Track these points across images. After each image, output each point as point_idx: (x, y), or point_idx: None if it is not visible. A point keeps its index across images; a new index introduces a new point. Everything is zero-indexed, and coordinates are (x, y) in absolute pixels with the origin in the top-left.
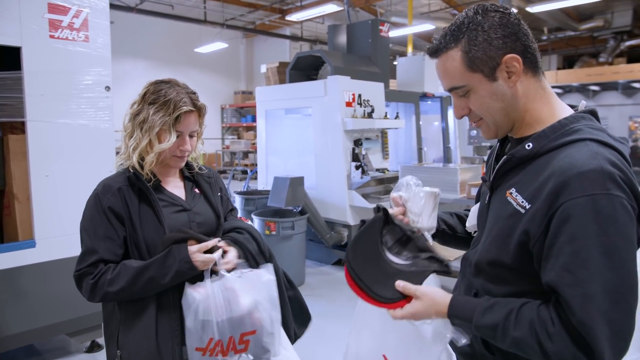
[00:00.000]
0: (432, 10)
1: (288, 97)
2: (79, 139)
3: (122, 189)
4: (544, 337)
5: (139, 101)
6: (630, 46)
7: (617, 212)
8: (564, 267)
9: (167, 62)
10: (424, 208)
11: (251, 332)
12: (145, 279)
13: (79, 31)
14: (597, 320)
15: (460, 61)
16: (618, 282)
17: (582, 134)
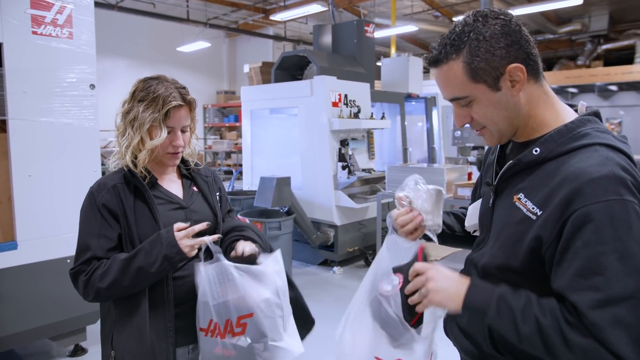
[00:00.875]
0: (415, 12)
1: (274, 97)
2: (63, 138)
3: (117, 186)
4: (566, 327)
5: (129, 99)
6: (607, 50)
7: (631, 218)
8: (576, 273)
9: (149, 61)
10: (435, 206)
11: (248, 315)
12: (134, 270)
13: (62, 27)
14: (612, 325)
15: (462, 72)
16: (635, 287)
17: (591, 138)
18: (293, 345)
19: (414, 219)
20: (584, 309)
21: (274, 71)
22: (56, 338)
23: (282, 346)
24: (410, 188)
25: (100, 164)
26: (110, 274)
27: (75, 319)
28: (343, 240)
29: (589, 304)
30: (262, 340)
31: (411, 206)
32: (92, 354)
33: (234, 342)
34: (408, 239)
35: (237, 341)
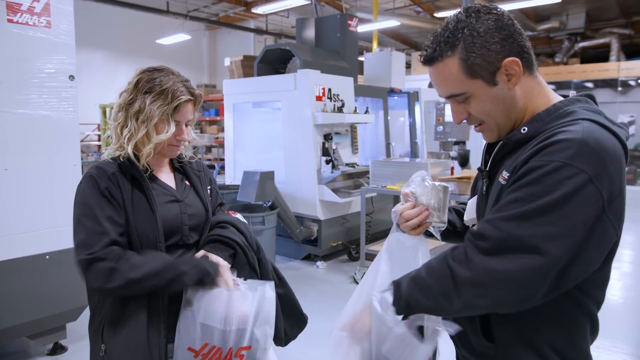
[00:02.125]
0: (396, 7)
1: (256, 91)
2: (41, 131)
3: (116, 174)
4: (449, 259)
5: (131, 90)
6: (583, 47)
7: (569, 182)
8: (496, 209)
9: (127, 53)
10: (442, 203)
11: (247, 348)
12: (175, 273)
13: (40, 16)
14: (489, 248)
15: (458, 69)
16: (529, 234)
17: (577, 115)
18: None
19: (420, 214)
20: (478, 226)
21: (256, 64)
22: (34, 337)
23: None
24: (416, 184)
25: (80, 157)
26: (147, 267)
27: (55, 317)
28: (326, 234)
29: (483, 225)
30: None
31: (417, 202)
32: (73, 352)
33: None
34: (411, 235)
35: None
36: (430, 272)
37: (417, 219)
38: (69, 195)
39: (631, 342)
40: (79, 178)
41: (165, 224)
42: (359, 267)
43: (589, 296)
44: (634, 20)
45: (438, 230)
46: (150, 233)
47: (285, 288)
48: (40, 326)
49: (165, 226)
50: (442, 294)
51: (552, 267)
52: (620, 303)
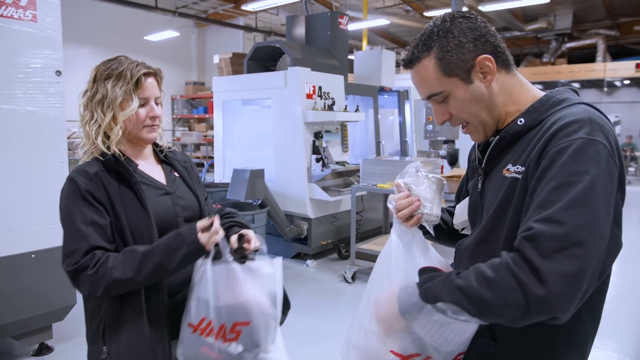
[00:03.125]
0: (386, 6)
1: (246, 88)
2: (27, 127)
3: (99, 173)
4: (488, 270)
5: (91, 84)
6: (570, 48)
7: (601, 157)
8: (537, 204)
9: (114, 50)
10: (435, 194)
11: (245, 323)
12: (151, 266)
13: (25, 9)
14: (555, 247)
15: (434, 68)
16: (589, 219)
17: (571, 100)
18: (280, 358)
19: (412, 204)
20: (532, 225)
21: (246, 62)
22: (19, 337)
23: (270, 358)
24: (410, 175)
25: (67, 154)
26: (123, 269)
27: (41, 317)
28: (316, 233)
29: (538, 225)
30: (254, 351)
31: (411, 192)
32: (59, 353)
33: (224, 348)
34: (405, 226)
35: (228, 347)
36: (487, 284)
37: (408, 209)
38: (55, 192)
39: (619, 340)
40: (65, 175)
41: (157, 218)
42: (349, 266)
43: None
44: (620, 21)
45: (431, 224)
46: (144, 228)
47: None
48: (25, 326)
49: (158, 220)
50: (507, 307)
51: (603, 247)
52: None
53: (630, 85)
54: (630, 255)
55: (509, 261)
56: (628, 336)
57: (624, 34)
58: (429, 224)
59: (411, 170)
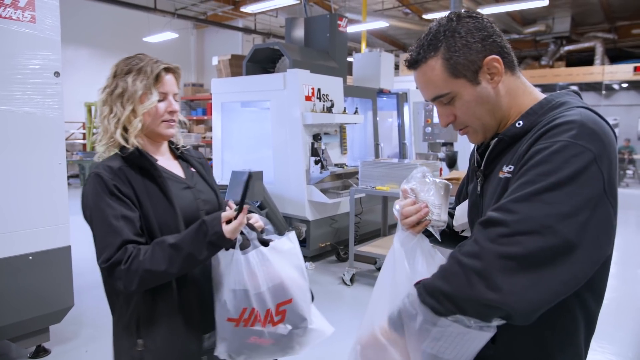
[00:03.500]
0: (385, 8)
1: (245, 90)
2: (25, 128)
3: (123, 168)
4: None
5: (111, 80)
6: (569, 51)
7: (577, 160)
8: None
9: (113, 51)
10: (442, 200)
11: (287, 302)
12: (182, 257)
13: (24, 10)
14: (506, 232)
15: (441, 69)
16: (544, 214)
17: (570, 104)
18: (323, 326)
19: (419, 211)
20: (489, 214)
21: (245, 64)
22: (16, 339)
23: (315, 327)
24: (416, 180)
25: (65, 156)
26: (156, 261)
27: (37, 319)
28: (315, 235)
29: (494, 213)
30: (302, 325)
31: (417, 198)
32: (56, 355)
33: (274, 331)
34: (410, 232)
35: (277, 329)
36: (442, 276)
37: (416, 215)
38: (54, 194)
39: (617, 342)
40: (64, 177)
41: (182, 211)
42: (348, 268)
43: (587, 296)
44: (618, 25)
45: (438, 229)
46: (171, 222)
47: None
48: (22, 328)
49: (182, 214)
50: (460, 296)
51: (565, 249)
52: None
53: (629, 88)
54: (628, 258)
55: (456, 250)
56: (626, 339)
57: (622, 37)
58: (435, 229)
59: (417, 176)
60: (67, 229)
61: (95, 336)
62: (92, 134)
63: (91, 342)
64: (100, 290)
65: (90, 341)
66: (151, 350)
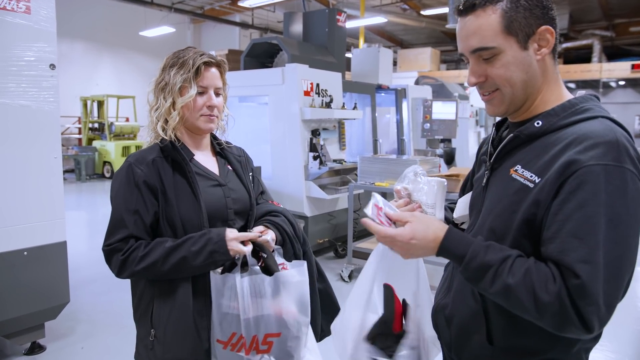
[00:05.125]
0: (383, 4)
1: (243, 85)
2: (20, 121)
3: (156, 160)
4: (541, 288)
5: (160, 72)
6: (566, 48)
7: (628, 186)
8: (570, 233)
9: (109, 45)
10: (436, 198)
11: (276, 335)
12: (176, 258)
13: (18, 1)
14: (599, 291)
15: (498, 20)
16: (618, 255)
17: (594, 112)
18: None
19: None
20: (580, 270)
21: (243, 58)
22: (11, 336)
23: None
24: (409, 180)
25: (61, 150)
26: (150, 258)
27: (33, 315)
28: (313, 231)
29: (586, 267)
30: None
31: (411, 198)
32: (51, 352)
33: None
34: None
35: (261, 359)
36: (537, 307)
37: None
38: (49, 189)
39: (616, 340)
40: (60, 171)
41: (208, 208)
42: (346, 265)
43: None
44: (616, 22)
45: None
46: (194, 218)
47: (325, 283)
48: (17, 325)
49: (209, 210)
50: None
51: (631, 274)
52: None
53: (626, 85)
54: None
55: (564, 300)
56: (625, 336)
57: (620, 34)
58: None
59: (410, 175)
60: (63, 224)
61: (91, 332)
62: (88, 129)
63: (87, 339)
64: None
65: (86, 337)
66: (162, 342)
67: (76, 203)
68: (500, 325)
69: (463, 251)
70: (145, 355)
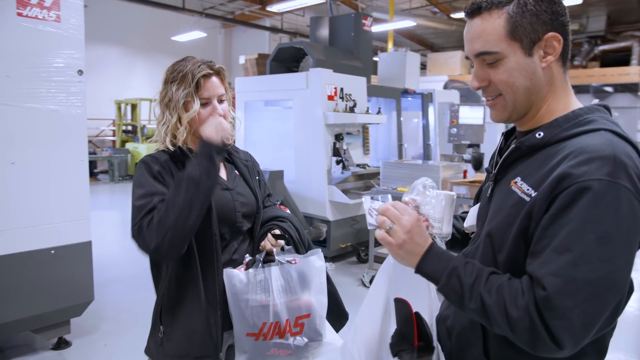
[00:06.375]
0: (413, 7)
1: (268, 89)
2: (49, 125)
3: (168, 162)
4: (510, 303)
5: (163, 86)
6: (603, 51)
7: (621, 203)
8: (553, 248)
9: (143, 50)
10: (444, 213)
11: (306, 316)
12: (185, 184)
13: (49, 10)
14: (569, 305)
15: (503, 25)
16: (604, 274)
17: (597, 124)
18: (334, 339)
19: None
20: (547, 283)
21: (269, 63)
22: (39, 331)
23: (328, 341)
24: (418, 192)
25: (88, 152)
26: (164, 206)
27: (59, 312)
28: (335, 235)
29: (553, 280)
30: (317, 339)
31: (418, 211)
32: (76, 348)
33: (291, 342)
34: None
35: (294, 341)
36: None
37: None
38: (76, 190)
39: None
40: (86, 173)
41: (218, 211)
42: (368, 270)
43: None
44: None
45: (443, 239)
46: (204, 220)
47: (330, 285)
48: (44, 320)
49: (218, 213)
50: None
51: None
52: None
53: None
54: None
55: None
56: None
57: None
58: (440, 239)
59: (419, 187)
60: (88, 225)
61: (114, 331)
62: (122, 131)
63: (110, 336)
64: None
65: (109, 335)
66: (170, 339)
67: (109, 203)
68: (497, 340)
69: (437, 275)
70: (155, 350)
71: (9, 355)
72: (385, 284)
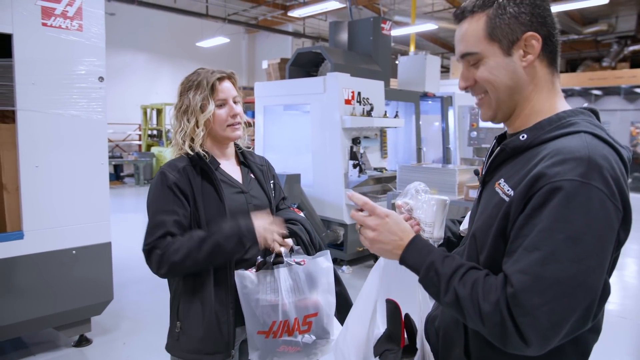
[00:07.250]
0: (435, 10)
1: (287, 93)
2: (71, 130)
3: (186, 168)
4: (483, 298)
5: (179, 98)
6: (634, 51)
7: (592, 204)
8: (524, 247)
9: (168, 56)
10: (435, 217)
11: (314, 315)
12: (210, 245)
13: (72, 20)
14: (535, 303)
15: (482, 26)
16: (573, 274)
17: (578, 127)
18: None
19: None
20: (515, 280)
21: (288, 67)
22: (61, 328)
23: (335, 339)
24: (411, 196)
25: (108, 156)
26: (185, 248)
27: (80, 310)
28: (353, 239)
29: (521, 277)
30: (325, 337)
31: (410, 214)
32: (97, 345)
33: (299, 340)
34: None
35: (303, 339)
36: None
37: None
38: (96, 193)
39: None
40: (106, 176)
41: (232, 213)
42: None
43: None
44: None
45: (436, 242)
46: (219, 220)
47: (340, 286)
48: (66, 318)
49: (232, 214)
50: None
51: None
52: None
53: None
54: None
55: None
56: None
57: None
58: (432, 242)
59: (411, 191)
60: (108, 226)
61: (134, 329)
62: (147, 136)
63: (129, 335)
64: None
65: (129, 334)
66: (186, 334)
67: (134, 206)
68: (477, 340)
69: (418, 267)
70: (172, 346)
71: (34, 351)
72: (375, 284)
